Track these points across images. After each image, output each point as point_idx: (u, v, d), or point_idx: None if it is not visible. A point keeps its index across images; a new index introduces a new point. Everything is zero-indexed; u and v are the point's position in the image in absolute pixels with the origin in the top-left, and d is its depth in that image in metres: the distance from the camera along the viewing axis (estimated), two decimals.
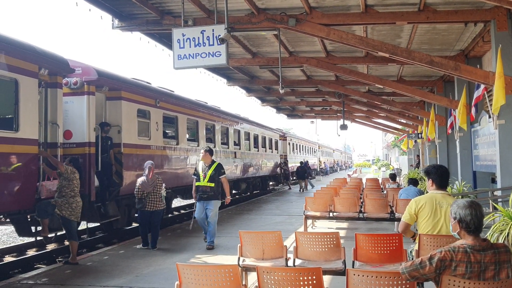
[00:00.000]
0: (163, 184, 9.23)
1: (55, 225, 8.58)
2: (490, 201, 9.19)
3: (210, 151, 9.10)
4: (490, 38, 9.60)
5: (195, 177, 9.07)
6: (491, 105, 8.91)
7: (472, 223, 3.08)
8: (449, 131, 14.55)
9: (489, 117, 10.24)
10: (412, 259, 4.79)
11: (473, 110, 11.17)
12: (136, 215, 12.13)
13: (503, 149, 8.95)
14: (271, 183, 28.61)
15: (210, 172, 8.87)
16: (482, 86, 10.08)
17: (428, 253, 3.14)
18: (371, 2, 9.38)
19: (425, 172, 4.86)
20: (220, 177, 8.99)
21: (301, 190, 25.58)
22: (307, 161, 29.85)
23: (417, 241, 4.86)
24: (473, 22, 9.78)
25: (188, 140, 14.46)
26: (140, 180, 8.95)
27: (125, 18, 10.51)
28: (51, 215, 8.03)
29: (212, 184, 8.86)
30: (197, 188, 8.98)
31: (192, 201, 19.47)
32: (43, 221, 8.10)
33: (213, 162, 9.04)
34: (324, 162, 53.08)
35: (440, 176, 4.68)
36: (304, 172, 26.91)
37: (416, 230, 4.91)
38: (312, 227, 11.34)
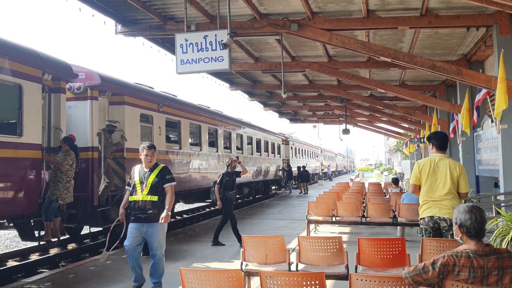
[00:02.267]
0: None
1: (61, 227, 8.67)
2: (493, 206, 9.18)
3: (152, 147, 6.19)
4: (492, 43, 9.62)
5: (129, 188, 6.29)
6: (493, 109, 8.91)
7: (473, 228, 3.08)
8: (452, 135, 14.53)
9: (492, 121, 10.24)
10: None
11: (475, 114, 11.16)
12: None
13: (506, 154, 8.94)
14: (273, 187, 28.67)
15: (151, 179, 6.05)
16: (484, 90, 10.08)
17: (431, 257, 3.14)
18: (373, 7, 9.41)
19: (427, 138, 5.69)
20: (165, 185, 6.11)
21: (304, 192, 26.71)
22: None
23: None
24: (475, 26, 9.80)
25: (190, 144, 14.50)
26: None
27: (128, 23, 10.57)
28: (55, 214, 8.19)
29: (155, 198, 6.02)
30: (131, 204, 6.18)
31: (196, 205, 19.57)
32: (48, 224, 8.15)
33: (156, 165, 6.20)
34: (327, 166, 52.85)
35: (439, 140, 5.45)
36: (308, 176, 27.69)
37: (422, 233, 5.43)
38: (314, 231, 11.33)
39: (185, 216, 17.09)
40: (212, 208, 19.34)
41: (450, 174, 5.23)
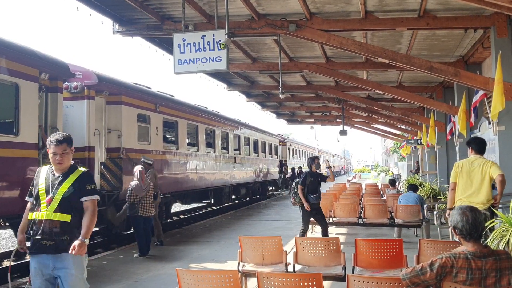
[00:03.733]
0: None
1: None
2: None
3: (64, 141, 4.11)
4: (490, 45, 9.62)
5: (30, 199, 4.18)
6: (490, 111, 8.92)
7: (464, 229, 3.07)
8: (449, 137, 14.55)
9: (489, 123, 10.25)
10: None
11: (472, 116, 11.17)
12: None
13: (503, 155, 8.94)
14: (270, 188, 28.68)
15: (63, 189, 4.04)
16: (481, 92, 10.09)
17: (429, 259, 3.14)
18: (371, 8, 9.41)
19: (467, 143, 6.50)
20: (84, 199, 4.08)
21: None
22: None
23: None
24: (473, 28, 9.81)
25: (188, 145, 14.47)
26: (133, 184, 8.71)
27: (126, 23, 10.54)
28: None
29: (67, 217, 4.00)
30: (29, 225, 4.10)
31: (193, 205, 19.54)
32: None
33: (73, 168, 4.19)
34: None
35: (478, 144, 6.21)
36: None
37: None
38: (312, 232, 11.32)
39: (182, 216, 17.05)
40: (209, 209, 19.30)
41: (483, 171, 6.02)
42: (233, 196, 20.72)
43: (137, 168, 8.90)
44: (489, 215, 6.03)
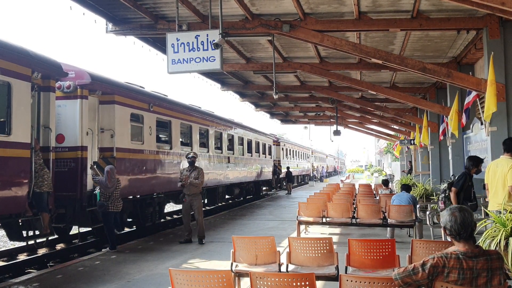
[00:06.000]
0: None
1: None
2: (482, 208, 9.23)
3: None
4: (482, 46, 9.69)
5: None
6: (483, 112, 8.97)
7: (453, 229, 3.09)
8: (441, 137, 14.63)
9: (481, 124, 10.31)
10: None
11: (463, 117, 11.23)
12: (129, 219, 12.12)
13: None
14: (264, 188, 28.77)
15: None
16: (474, 93, 10.15)
17: (421, 259, 3.15)
18: (365, 9, 9.44)
19: (502, 143, 6.40)
20: None
21: (289, 192, 28.28)
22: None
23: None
24: (465, 29, 9.88)
25: (181, 144, 14.44)
26: (101, 179, 9.14)
27: (119, 22, 10.51)
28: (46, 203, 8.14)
29: None
30: None
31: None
32: (43, 216, 8.08)
33: None
34: (322, 167, 53.16)
35: (506, 144, 6.18)
36: (293, 177, 29.46)
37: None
38: (305, 232, 11.34)
39: (175, 216, 17.01)
40: (203, 209, 19.24)
41: (502, 171, 6.00)
42: (226, 196, 20.70)
43: (107, 168, 9.23)
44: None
